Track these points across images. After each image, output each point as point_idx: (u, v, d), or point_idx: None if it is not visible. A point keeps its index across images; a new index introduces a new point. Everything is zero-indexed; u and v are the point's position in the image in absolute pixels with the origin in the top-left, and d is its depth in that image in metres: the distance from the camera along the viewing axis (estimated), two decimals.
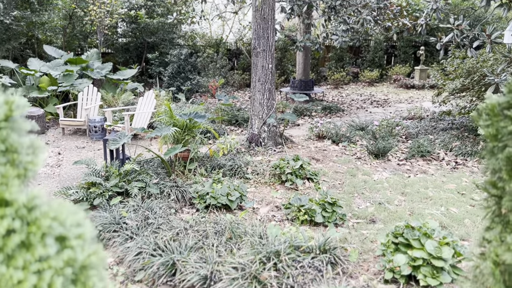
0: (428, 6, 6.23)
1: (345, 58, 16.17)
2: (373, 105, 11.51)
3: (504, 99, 1.43)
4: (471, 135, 7.20)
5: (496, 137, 1.42)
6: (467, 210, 4.25)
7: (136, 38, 13.52)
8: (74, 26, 12.52)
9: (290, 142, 7.10)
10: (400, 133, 7.50)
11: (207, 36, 15.53)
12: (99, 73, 9.55)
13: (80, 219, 1.01)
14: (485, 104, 1.53)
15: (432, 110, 9.97)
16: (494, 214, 1.49)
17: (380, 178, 5.39)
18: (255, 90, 6.82)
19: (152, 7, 13.03)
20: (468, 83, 6.85)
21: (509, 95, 1.38)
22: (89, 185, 4.40)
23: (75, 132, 7.89)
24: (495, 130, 1.42)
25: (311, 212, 3.86)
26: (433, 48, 15.59)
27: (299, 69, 12.21)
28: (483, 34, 5.71)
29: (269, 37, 6.64)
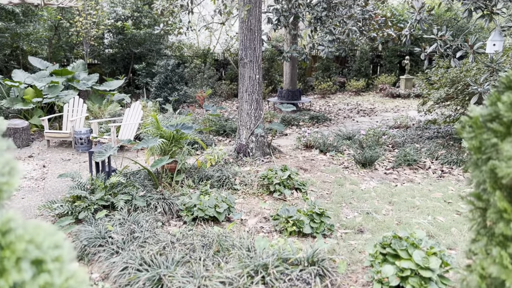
0: (412, 17, 6.33)
1: (332, 68, 16.32)
2: (359, 114, 11.60)
3: (486, 111, 1.44)
4: (456, 143, 7.29)
5: (479, 150, 1.43)
6: (453, 219, 4.28)
7: (123, 49, 13.47)
8: (59, 37, 12.43)
9: (278, 152, 7.10)
10: (386, 142, 7.56)
11: (194, 47, 15.55)
12: (85, 84, 9.47)
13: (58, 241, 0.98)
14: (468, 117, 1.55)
15: (418, 119, 10.08)
16: (479, 226, 1.49)
17: (368, 187, 5.41)
18: (243, 101, 6.82)
19: (139, 18, 13.02)
20: (453, 92, 6.96)
21: (492, 108, 1.40)
22: (74, 198, 4.33)
23: (61, 144, 7.78)
24: (479, 143, 1.43)
25: (299, 223, 3.85)
26: (417, 57, 15.84)
27: (286, 79, 12.28)
28: (466, 44, 5.82)
29: (256, 48, 6.66)
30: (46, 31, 12.05)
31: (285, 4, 8.52)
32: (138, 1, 12.93)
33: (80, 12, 10.64)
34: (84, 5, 10.07)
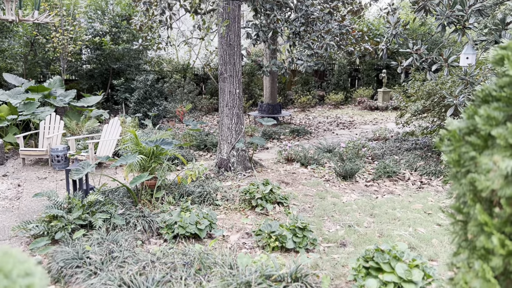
0: (388, 31, 6.47)
1: (311, 81, 16.51)
2: (339, 127, 11.72)
3: (464, 124, 1.46)
4: (434, 155, 7.42)
5: (458, 163, 1.44)
6: (434, 230, 4.32)
7: (101, 65, 13.33)
8: (35, 53, 12.22)
9: (259, 166, 7.08)
10: (366, 155, 7.63)
11: (174, 62, 15.52)
12: (62, 100, 9.29)
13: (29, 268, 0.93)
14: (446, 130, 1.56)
15: (396, 131, 10.25)
16: (460, 239, 1.50)
17: (349, 200, 5.43)
18: (223, 115, 6.81)
19: (117, 33, 12.93)
20: (429, 105, 7.10)
21: (469, 121, 1.42)
22: (50, 218, 4.19)
23: (37, 162, 7.57)
24: (457, 156, 1.44)
25: (282, 238, 3.81)
26: (394, 71, 16.19)
27: (267, 93, 12.34)
28: (441, 58, 5.97)
29: (235, 63, 6.68)
30: (22, 47, 11.83)
31: (263, 19, 8.60)
32: (116, 17, 12.86)
33: (57, 28, 10.50)
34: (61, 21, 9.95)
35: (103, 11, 12.95)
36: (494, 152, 1.27)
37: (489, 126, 1.28)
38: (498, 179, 1.22)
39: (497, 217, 1.27)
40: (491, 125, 1.29)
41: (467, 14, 5.61)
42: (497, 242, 1.20)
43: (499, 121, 1.28)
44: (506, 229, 1.22)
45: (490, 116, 1.28)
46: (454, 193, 1.58)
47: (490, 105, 1.33)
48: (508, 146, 1.21)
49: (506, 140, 1.20)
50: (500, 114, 1.27)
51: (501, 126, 1.27)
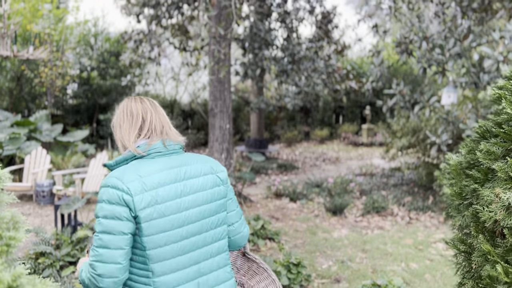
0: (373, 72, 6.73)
1: (297, 117, 16.79)
2: (325, 163, 11.86)
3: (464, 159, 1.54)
4: (421, 190, 7.55)
5: (460, 195, 1.51)
6: (426, 265, 4.35)
7: (88, 99, 13.35)
8: (22, 88, 12.20)
9: (248, 201, 7.08)
10: (354, 190, 7.72)
11: (161, 97, 15.65)
12: (48, 135, 9.22)
13: None
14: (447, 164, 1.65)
15: (382, 166, 10.42)
16: (464, 270, 1.54)
17: (340, 235, 5.44)
18: (213, 150, 6.85)
19: (105, 69, 13.06)
20: (414, 141, 7.31)
21: (469, 156, 1.50)
22: (37, 255, 4.08)
23: (20, 198, 7.40)
24: (459, 189, 1.51)
25: (276, 274, 3.78)
26: (377, 108, 16.63)
27: (254, 129, 12.49)
28: (423, 98, 6.21)
29: (225, 99, 6.81)
30: (8, 81, 11.81)
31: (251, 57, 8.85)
32: (104, 53, 13.03)
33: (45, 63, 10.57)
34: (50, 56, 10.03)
35: (91, 47, 13.12)
36: (495, 185, 1.34)
37: (489, 160, 1.36)
38: (500, 210, 1.29)
39: (500, 247, 1.33)
40: (491, 159, 1.37)
41: (446, 58, 5.91)
42: (502, 270, 1.25)
43: (498, 155, 1.36)
44: (509, 257, 1.28)
45: (490, 151, 1.37)
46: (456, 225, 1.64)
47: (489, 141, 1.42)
48: (509, 179, 1.29)
49: (507, 173, 1.28)
50: (499, 149, 1.36)
51: (501, 160, 1.35)
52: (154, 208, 1.35)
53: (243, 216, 1.67)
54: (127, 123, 1.51)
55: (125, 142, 1.49)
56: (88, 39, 13.19)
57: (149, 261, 1.37)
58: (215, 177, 1.54)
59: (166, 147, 1.48)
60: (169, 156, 1.49)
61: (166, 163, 1.45)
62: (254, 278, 1.89)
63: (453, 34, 6.02)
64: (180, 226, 1.41)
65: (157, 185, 1.38)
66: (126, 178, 1.35)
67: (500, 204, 1.31)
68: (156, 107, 1.59)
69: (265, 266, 1.87)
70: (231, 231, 1.60)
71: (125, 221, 1.33)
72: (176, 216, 1.40)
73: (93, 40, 13.25)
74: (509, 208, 1.30)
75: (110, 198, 1.34)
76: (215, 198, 1.52)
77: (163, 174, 1.41)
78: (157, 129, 1.50)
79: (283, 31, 10.15)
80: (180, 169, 1.46)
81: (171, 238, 1.39)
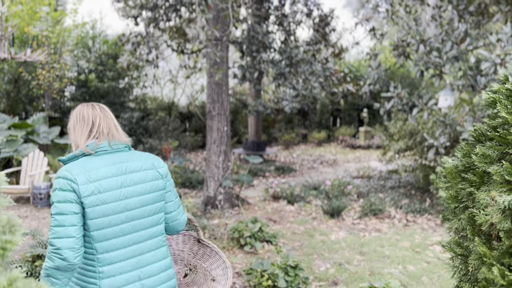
0: (371, 75, 6.75)
1: (294, 120, 16.81)
2: (323, 165, 11.87)
3: (460, 162, 1.55)
4: (418, 192, 7.57)
5: (456, 198, 1.52)
6: (423, 267, 4.36)
7: (86, 102, 13.33)
8: (19, 90, 12.18)
9: (246, 203, 7.07)
10: (351, 192, 7.73)
11: (158, 100, 15.65)
12: (46, 137, 9.21)
13: None
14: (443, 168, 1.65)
15: (379, 169, 10.44)
16: (461, 273, 1.55)
17: (337, 238, 5.45)
18: (211, 153, 6.85)
19: (103, 71, 13.05)
20: (412, 144, 7.32)
21: (465, 159, 1.51)
22: (34, 258, 4.06)
23: (17, 201, 7.38)
24: (455, 192, 1.52)
25: (274, 276, 3.78)
26: (375, 110, 16.67)
27: (251, 131, 12.49)
28: (420, 101, 6.23)
29: (223, 102, 6.81)
30: (5, 84, 11.79)
31: (249, 60, 8.87)
32: (102, 55, 13.02)
33: (43, 65, 10.55)
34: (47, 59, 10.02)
35: (89, 49, 13.12)
36: (491, 188, 1.35)
37: (485, 164, 1.37)
38: (496, 213, 1.30)
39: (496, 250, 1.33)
40: (487, 163, 1.38)
41: (443, 61, 5.93)
42: (498, 273, 1.26)
43: (494, 159, 1.37)
44: (505, 260, 1.28)
45: (485, 154, 1.37)
46: (453, 228, 1.65)
47: (484, 144, 1.42)
48: (504, 182, 1.30)
49: (502, 177, 1.29)
50: (494, 153, 1.37)
51: (496, 164, 1.36)
52: (97, 197, 1.65)
53: (181, 206, 1.97)
54: (79, 126, 1.80)
55: (77, 142, 1.77)
56: (86, 41, 13.19)
57: (93, 240, 1.66)
58: (155, 172, 1.82)
59: (111, 147, 1.76)
60: (114, 154, 1.77)
61: (110, 159, 1.74)
62: (208, 260, 2.23)
63: (450, 37, 6.05)
64: (120, 212, 1.69)
65: (100, 177, 1.67)
66: (74, 171, 1.65)
67: (496, 207, 1.31)
68: (105, 112, 1.85)
69: (217, 249, 2.21)
70: (169, 218, 1.90)
71: (74, 203, 1.63)
72: (117, 204, 1.69)
73: (91, 42, 13.25)
74: (505, 211, 1.31)
75: (62, 186, 1.63)
76: (154, 189, 1.80)
77: (106, 168, 1.70)
78: (104, 131, 1.77)
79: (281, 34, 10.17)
80: (122, 165, 1.74)
81: (112, 222, 1.68)
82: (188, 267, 2.29)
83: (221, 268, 2.18)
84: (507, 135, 1.32)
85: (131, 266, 1.72)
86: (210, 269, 2.20)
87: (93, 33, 13.50)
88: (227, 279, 2.12)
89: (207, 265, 2.22)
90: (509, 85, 1.38)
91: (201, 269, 2.23)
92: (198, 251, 2.28)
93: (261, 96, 11.96)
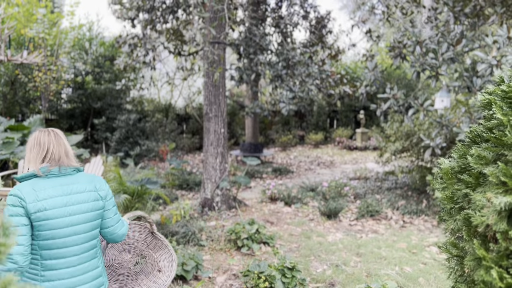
0: (367, 76, 6.77)
1: (291, 122, 16.82)
2: (320, 167, 11.88)
3: (456, 163, 1.55)
4: (414, 194, 7.58)
5: (452, 199, 1.52)
6: (420, 268, 4.37)
7: (82, 104, 13.30)
8: (16, 92, 12.13)
9: (243, 205, 7.07)
10: (348, 194, 7.74)
11: (155, 101, 15.63)
12: None
13: None
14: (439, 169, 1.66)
15: (376, 170, 10.46)
16: (457, 274, 1.55)
17: (334, 239, 5.45)
18: (208, 154, 6.84)
19: (100, 73, 13.03)
20: (408, 145, 7.34)
21: (461, 160, 1.51)
22: None
23: None
24: (451, 193, 1.52)
25: (270, 278, 3.78)
26: (371, 112, 16.71)
27: (249, 133, 12.49)
28: (417, 102, 6.25)
29: (220, 103, 6.81)
30: (2, 86, 11.74)
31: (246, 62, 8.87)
32: (99, 57, 13.00)
33: (40, 67, 10.52)
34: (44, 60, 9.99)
35: (86, 51, 13.09)
36: (487, 189, 1.35)
37: (480, 165, 1.37)
38: (492, 214, 1.30)
39: (493, 252, 1.33)
40: (482, 164, 1.38)
41: (439, 62, 5.95)
42: (496, 276, 1.26)
43: (489, 160, 1.38)
44: (503, 262, 1.29)
45: (481, 155, 1.38)
46: (449, 229, 1.65)
47: (480, 146, 1.43)
48: (500, 183, 1.30)
49: (498, 178, 1.29)
50: (490, 154, 1.37)
51: (492, 165, 1.36)
52: (43, 213, 1.92)
53: (120, 221, 2.25)
54: (35, 150, 2.06)
55: (31, 164, 2.05)
56: (83, 43, 13.16)
57: (39, 248, 1.94)
58: (96, 193, 2.11)
59: (60, 171, 2.05)
60: (62, 177, 2.06)
61: (58, 181, 2.03)
62: (158, 252, 2.57)
63: (446, 39, 6.07)
64: (64, 226, 1.98)
65: (47, 197, 1.95)
66: (24, 190, 1.93)
67: (492, 209, 1.32)
68: (58, 140, 2.10)
69: (167, 243, 2.55)
70: (108, 232, 2.19)
71: (24, 217, 1.90)
72: (61, 219, 1.97)
73: (87, 44, 13.22)
74: (501, 212, 1.32)
75: (13, 202, 1.91)
76: (94, 209, 2.09)
77: (54, 189, 1.99)
78: (55, 157, 2.05)
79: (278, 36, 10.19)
80: (68, 186, 2.03)
81: (56, 235, 1.96)
82: (139, 256, 2.59)
83: (168, 260, 2.51)
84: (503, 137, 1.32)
85: (69, 274, 2.00)
86: (159, 260, 2.53)
87: (90, 35, 13.48)
88: (171, 271, 2.46)
89: (157, 256, 2.55)
90: (504, 87, 1.39)
91: (151, 259, 2.55)
92: (151, 242, 2.59)
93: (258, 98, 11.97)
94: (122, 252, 2.57)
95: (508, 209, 1.28)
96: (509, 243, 1.27)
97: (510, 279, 1.22)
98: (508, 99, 1.39)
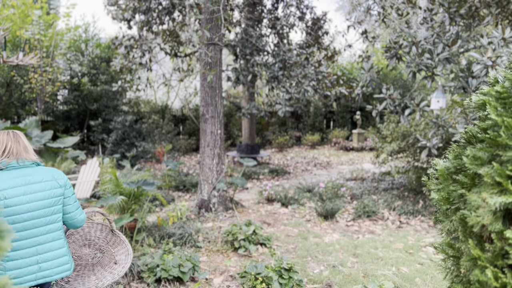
0: (363, 77, 6.79)
1: (288, 123, 16.83)
2: (316, 167, 11.89)
3: (451, 164, 1.56)
4: (411, 194, 7.60)
5: (448, 200, 1.53)
6: (416, 269, 4.38)
7: (78, 105, 13.26)
8: (11, 94, 12.08)
9: (240, 206, 7.06)
10: (345, 195, 7.75)
11: (152, 103, 15.61)
12: (38, 141, 9.14)
13: None
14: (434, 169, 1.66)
15: (373, 171, 10.48)
16: (453, 275, 1.56)
17: (331, 240, 5.46)
18: (204, 156, 6.84)
19: (96, 75, 13.00)
20: (404, 146, 7.36)
21: (456, 161, 1.52)
22: None
23: None
24: (446, 194, 1.53)
25: (267, 279, 3.78)
26: (368, 113, 16.75)
27: (245, 134, 12.49)
28: (413, 102, 6.27)
29: (217, 104, 6.81)
30: None
31: (243, 63, 8.88)
32: (95, 59, 12.97)
33: (35, 69, 10.48)
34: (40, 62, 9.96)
35: (82, 52, 13.06)
36: (482, 190, 1.36)
37: (475, 166, 1.38)
38: (487, 215, 1.31)
39: (488, 251, 1.34)
40: (477, 165, 1.39)
41: (435, 62, 5.98)
42: (491, 275, 1.26)
43: (485, 160, 1.38)
44: (498, 262, 1.29)
45: (476, 156, 1.38)
46: (445, 230, 1.66)
47: (475, 146, 1.43)
48: (495, 184, 1.31)
49: (493, 178, 1.30)
50: (485, 154, 1.38)
51: (487, 165, 1.37)
52: (4, 202, 2.21)
53: (79, 208, 2.55)
54: None
55: None
56: (79, 45, 13.13)
57: None
58: (55, 182, 2.41)
59: (18, 164, 2.33)
60: (21, 169, 2.35)
61: (17, 173, 2.32)
62: (116, 247, 2.87)
63: (442, 39, 6.10)
64: (23, 212, 2.26)
65: (7, 187, 2.24)
66: None
67: (487, 209, 1.32)
68: (17, 138, 2.40)
69: (124, 239, 2.86)
70: (69, 217, 2.48)
71: None
72: (20, 207, 2.26)
73: (83, 46, 13.19)
74: (496, 212, 1.32)
75: None
76: (52, 196, 2.38)
77: (13, 180, 2.28)
78: (13, 152, 2.35)
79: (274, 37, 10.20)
80: (27, 177, 2.32)
81: (16, 220, 2.25)
82: (98, 251, 2.88)
83: (125, 254, 2.83)
84: (497, 137, 1.33)
85: (29, 253, 2.28)
86: (116, 254, 2.83)
87: (86, 36, 13.44)
88: (127, 262, 2.77)
89: (115, 251, 2.85)
90: (499, 87, 1.40)
91: (109, 253, 2.86)
92: (110, 239, 2.91)
93: (255, 99, 11.97)
94: (82, 246, 2.87)
95: (503, 209, 1.29)
96: (504, 243, 1.28)
97: (505, 278, 1.23)
98: (503, 100, 1.40)
